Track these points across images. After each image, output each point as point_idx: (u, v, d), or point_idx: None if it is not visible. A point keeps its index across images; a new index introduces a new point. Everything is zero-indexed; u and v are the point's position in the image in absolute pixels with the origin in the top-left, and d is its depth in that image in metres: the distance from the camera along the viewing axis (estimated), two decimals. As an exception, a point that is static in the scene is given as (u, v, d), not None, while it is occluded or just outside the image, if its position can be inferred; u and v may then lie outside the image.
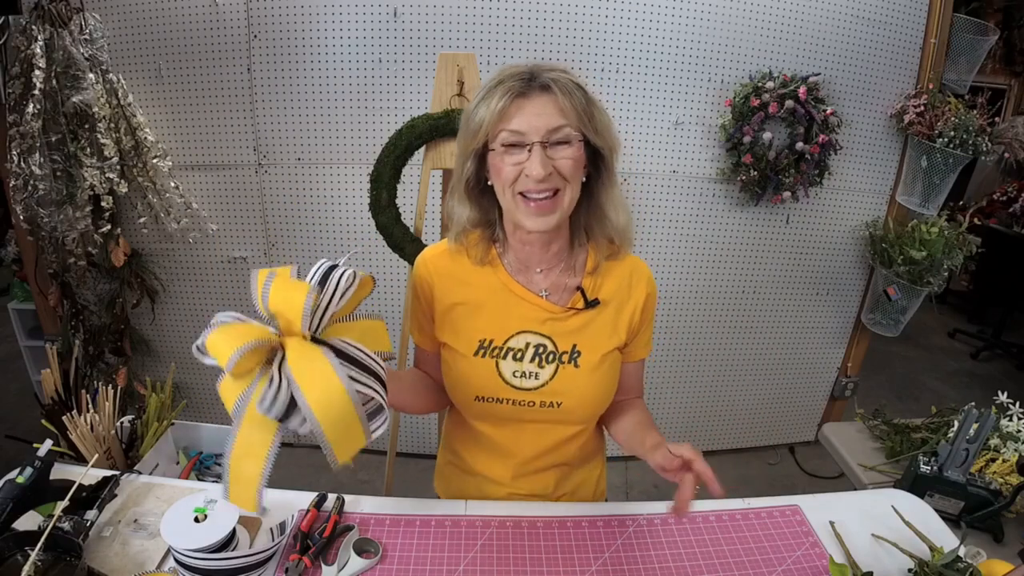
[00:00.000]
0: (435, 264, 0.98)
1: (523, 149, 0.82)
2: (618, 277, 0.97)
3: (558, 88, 0.81)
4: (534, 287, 0.95)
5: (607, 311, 0.96)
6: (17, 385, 2.96)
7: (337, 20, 2.01)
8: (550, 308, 0.94)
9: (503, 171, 0.84)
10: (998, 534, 1.19)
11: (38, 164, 1.91)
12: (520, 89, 0.82)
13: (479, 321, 0.95)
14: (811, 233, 2.43)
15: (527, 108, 0.82)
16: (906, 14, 2.17)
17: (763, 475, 2.67)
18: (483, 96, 0.84)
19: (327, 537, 0.92)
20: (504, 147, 0.83)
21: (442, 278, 0.97)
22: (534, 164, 0.81)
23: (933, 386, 3.58)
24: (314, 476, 2.53)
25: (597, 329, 0.95)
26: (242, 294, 2.39)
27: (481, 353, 0.95)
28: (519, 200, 0.85)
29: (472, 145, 0.87)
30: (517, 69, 0.83)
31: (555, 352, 0.94)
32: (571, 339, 0.94)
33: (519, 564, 0.92)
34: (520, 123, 0.82)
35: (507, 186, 0.85)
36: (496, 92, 0.82)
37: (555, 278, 0.96)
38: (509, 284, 0.95)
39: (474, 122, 0.85)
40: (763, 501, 1.08)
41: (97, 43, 1.92)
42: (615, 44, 2.08)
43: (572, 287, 0.95)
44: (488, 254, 0.96)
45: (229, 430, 0.75)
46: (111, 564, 0.88)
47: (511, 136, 0.82)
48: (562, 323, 0.94)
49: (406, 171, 1.72)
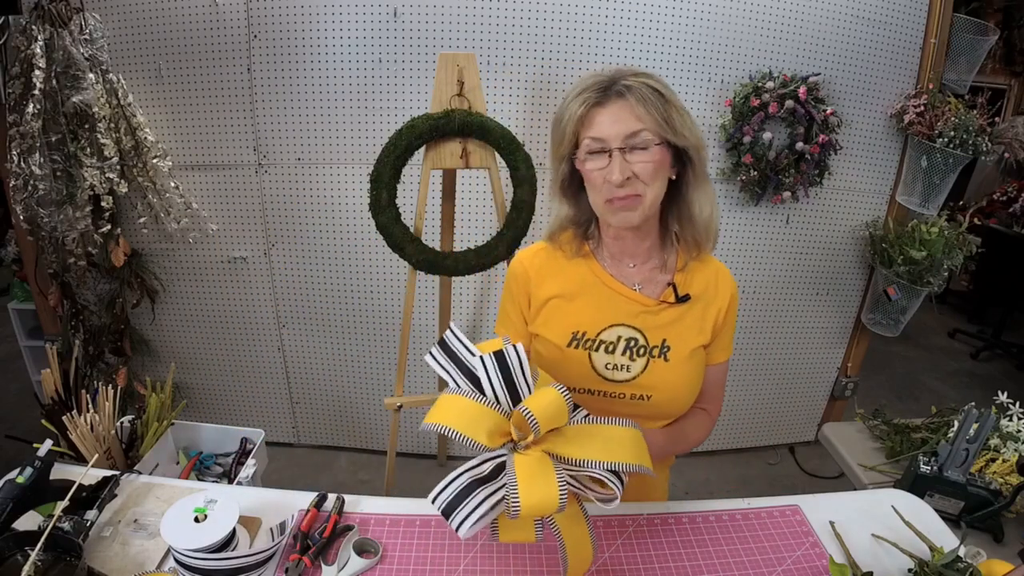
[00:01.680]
0: (531, 261, 1.03)
1: (604, 155, 0.87)
2: (705, 276, 1.00)
3: (633, 94, 0.85)
4: (627, 281, 0.99)
5: (695, 308, 0.98)
6: (17, 385, 2.96)
7: (337, 20, 2.01)
8: (643, 301, 0.97)
9: (590, 176, 0.89)
10: (998, 534, 1.19)
11: (38, 164, 1.91)
12: (597, 98, 0.86)
13: (573, 313, 0.98)
14: (811, 233, 2.43)
15: (605, 115, 0.86)
16: (906, 14, 2.17)
17: (763, 475, 2.67)
18: (567, 104, 0.89)
19: (327, 537, 0.92)
20: (588, 154, 0.88)
21: (539, 273, 1.01)
22: (613, 170, 0.85)
23: (933, 386, 3.58)
24: (314, 476, 2.53)
25: (686, 325, 0.98)
26: (242, 294, 2.39)
27: (574, 344, 0.97)
28: (606, 205, 0.90)
29: (560, 150, 0.92)
30: (598, 77, 0.87)
31: (646, 346, 0.96)
32: (661, 333, 0.97)
33: (519, 564, 0.92)
34: (599, 130, 0.86)
35: (597, 192, 0.90)
36: (577, 100, 0.87)
37: (647, 273, 0.99)
38: (603, 276, 0.99)
39: (559, 129, 0.90)
40: (763, 501, 1.08)
41: (97, 43, 1.92)
42: (615, 44, 2.08)
43: (663, 283, 0.99)
44: (582, 249, 1.01)
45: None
46: (111, 564, 0.88)
47: (593, 143, 0.87)
48: (653, 317, 0.97)
49: (406, 171, 1.72)
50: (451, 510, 0.73)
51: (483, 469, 0.77)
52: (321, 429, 2.65)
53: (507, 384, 0.79)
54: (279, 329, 2.45)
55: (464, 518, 0.72)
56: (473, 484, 0.75)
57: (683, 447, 1.03)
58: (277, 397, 2.58)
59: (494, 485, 0.75)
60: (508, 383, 0.79)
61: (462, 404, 0.79)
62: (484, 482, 0.76)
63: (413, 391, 2.52)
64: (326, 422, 2.63)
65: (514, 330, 1.05)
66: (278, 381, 2.55)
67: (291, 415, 2.62)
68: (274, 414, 2.62)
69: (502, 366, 0.79)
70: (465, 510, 0.73)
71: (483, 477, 0.76)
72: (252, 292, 2.39)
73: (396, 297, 2.36)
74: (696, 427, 1.04)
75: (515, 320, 1.05)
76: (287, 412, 2.62)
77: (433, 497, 0.75)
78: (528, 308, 1.03)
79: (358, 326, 2.43)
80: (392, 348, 2.45)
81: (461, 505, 0.73)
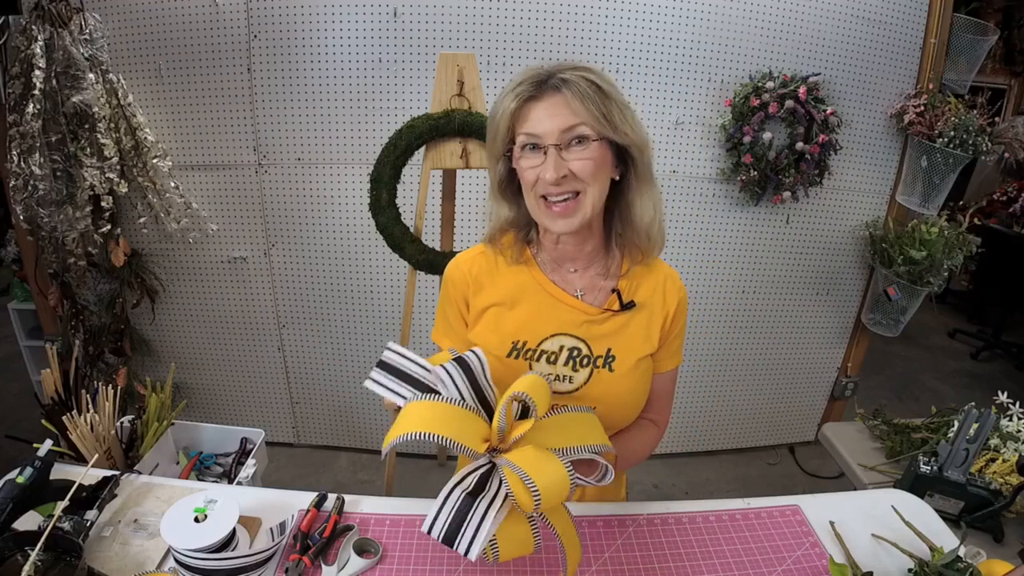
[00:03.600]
0: (469, 266, 0.97)
1: (540, 152, 0.82)
2: (652, 283, 0.95)
3: (569, 88, 0.79)
4: (569, 287, 0.94)
5: (641, 316, 0.94)
6: (17, 385, 2.96)
7: (337, 20, 2.01)
8: (585, 309, 0.93)
9: (524, 174, 0.84)
10: (998, 534, 1.19)
11: (38, 164, 1.91)
12: (531, 92, 0.81)
13: (513, 322, 0.94)
14: (811, 233, 2.43)
15: (539, 110, 0.81)
16: (906, 14, 2.17)
17: (763, 475, 2.67)
18: (501, 98, 0.84)
19: (327, 537, 0.92)
20: (523, 150, 0.83)
21: (476, 279, 0.96)
22: (547, 167, 0.80)
23: (933, 386, 3.58)
24: (314, 476, 2.53)
25: (631, 334, 0.93)
26: (242, 294, 2.39)
27: (514, 355, 0.93)
28: (541, 203, 0.85)
29: (495, 148, 0.87)
30: (535, 70, 0.82)
31: (589, 356, 0.92)
32: (605, 343, 0.92)
33: (519, 564, 0.92)
34: (534, 125, 0.81)
35: (529, 189, 0.85)
36: (511, 94, 0.82)
37: (590, 279, 0.95)
38: (544, 284, 0.94)
39: (493, 125, 0.85)
40: (763, 501, 1.08)
41: (97, 43, 1.92)
42: (615, 44, 2.08)
43: (607, 289, 0.94)
44: (523, 254, 0.96)
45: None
46: (111, 564, 0.88)
47: (528, 139, 0.82)
48: (597, 326, 0.93)
49: (406, 171, 1.72)
50: (454, 535, 0.69)
51: (469, 482, 0.73)
52: (321, 429, 2.65)
53: (474, 390, 0.76)
54: (279, 329, 2.45)
55: (471, 539, 0.68)
56: (468, 499, 0.71)
57: (628, 461, 0.96)
58: (277, 397, 2.58)
59: (489, 495, 0.71)
60: (475, 389, 0.76)
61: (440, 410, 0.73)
62: (477, 494, 0.72)
63: (413, 391, 2.52)
64: (326, 422, 2.63)
65: (456, 336, 1.00)
66: (278, 381, 2.55)
67: (291, 415, 2.62)
68: (274, 414, 2.62)
69: (467, 372, 0.76)
70: (470, 530, 0.69)
71: (473, 490, 0.72)
72: (252, 292, 2.39)
73: (396, 297, 2.36)
74: (642, 439, 0.99)
75: (456, 326, 1.00)
76: (287, 412, 2.62)
77: (428, 527, 0.70)
78: (467, 313, 0.98)
79: (358, 326, 2.43)
80: (392, 348, 2.44)
81: (464, 525, 0.69)
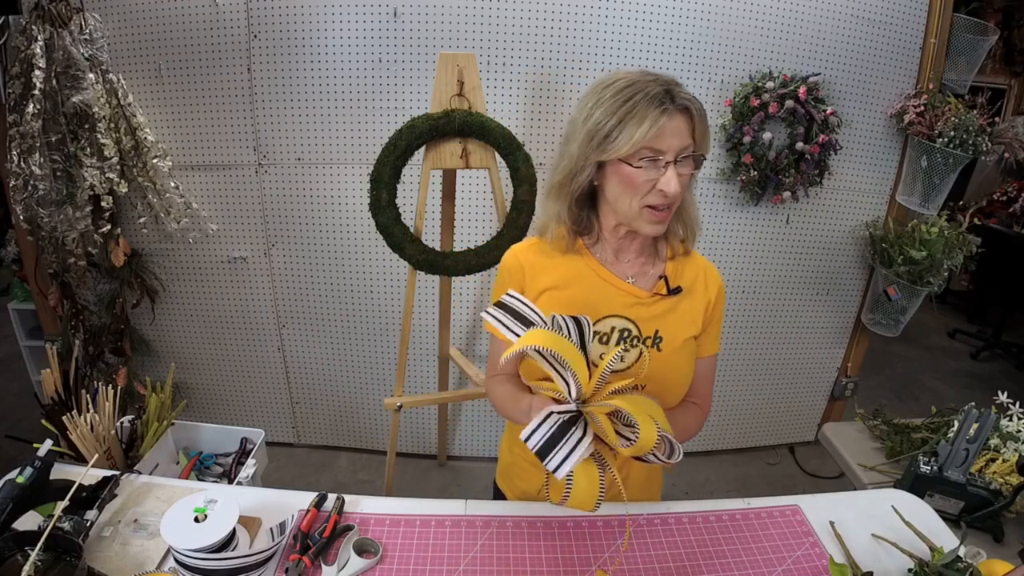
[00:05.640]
0: (525, 254, 1.03)
1: (656, 165, 0.87)
2: (693, 270, 1.03)
3: (693, 111, 0.86)
4: (620, 273, 1.00)
5: (686, 300, 1.01)
6: (17, 385, 2.96)
7: (337, 20, 2.01)
8: (636, 293, 0.99)
9: (637, 184, 0.88)
10: (998, 534, 1.19)
11: (38, 164, 1.91)
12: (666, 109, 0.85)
13: (568, 305, 0.98)
14: (811, 233, 2.43)
15: (668, 128, 0.85)
16: (906, 14, 2.17)
17: (763, 475, 2.67)
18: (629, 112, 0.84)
19: (327, 537, 0.92)
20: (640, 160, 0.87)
21: (533, 266, 1.02)
22: (671, 182, 0.86)
23: (933, 386, 3.58)
24: (314, 476, 2.53)
25: (678, 316, 1.00)
26: (242, 294, 2.39)
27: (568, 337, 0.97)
28: (646, 210, 0.90)
29: (604, 156, 0.88)
30: (654, 88, 0.84)
31: (639, 336, 0.98)
32: (654, 324, 0.98)
33: (519, 564, 0.92)
34: (662, 142, 0.85)
35: (636, 197, 0.89)
36: (647, 111, 0.83)
37: (639, 266, 1.01)
38: (597, 270, 1.00)
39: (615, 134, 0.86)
40: (763, 501, 1.08)
41: (97, 43, 1.92)
42: (615, 44, 2.08)
43: (655, 275, 1.01)
44: (575, 244, 1.01)
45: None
46: (111, 564, 0.88)
47: (651, 153, 0.86)
48: (646, 308, 0.99)
49: (406, 171, 1.72)
50: (547, 452, 0.75)
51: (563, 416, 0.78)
52: (321, 429, 2.65)
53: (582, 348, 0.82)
54: (279, 329, 2.45)
55: (563, 459, 0.74)
56: (563, 426, 0.76)
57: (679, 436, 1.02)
58: (277, 397, 2.58)
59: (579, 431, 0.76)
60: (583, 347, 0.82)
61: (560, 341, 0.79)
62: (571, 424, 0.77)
63: (413, 391, 2.52)
64: (326, 422, 2.63)
65: None
66: (278, 381, 2.55)
67: (291, 415, 2.62)
68: (274, 414, 2.62)
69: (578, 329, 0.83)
70: (562, 452, 0.74)
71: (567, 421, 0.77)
72: (252, 292, 2.39)
73: (396, 297, 2.36)
74: (688, 417, 1.04)
75: None
76: (287, 412, 2.62)
77: (526, 437, 0.76)
78: None
79: (358, 326, 2.43)
80: (392, 348, 2.45)
81: (558, 447, 0.74)
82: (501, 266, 1.06)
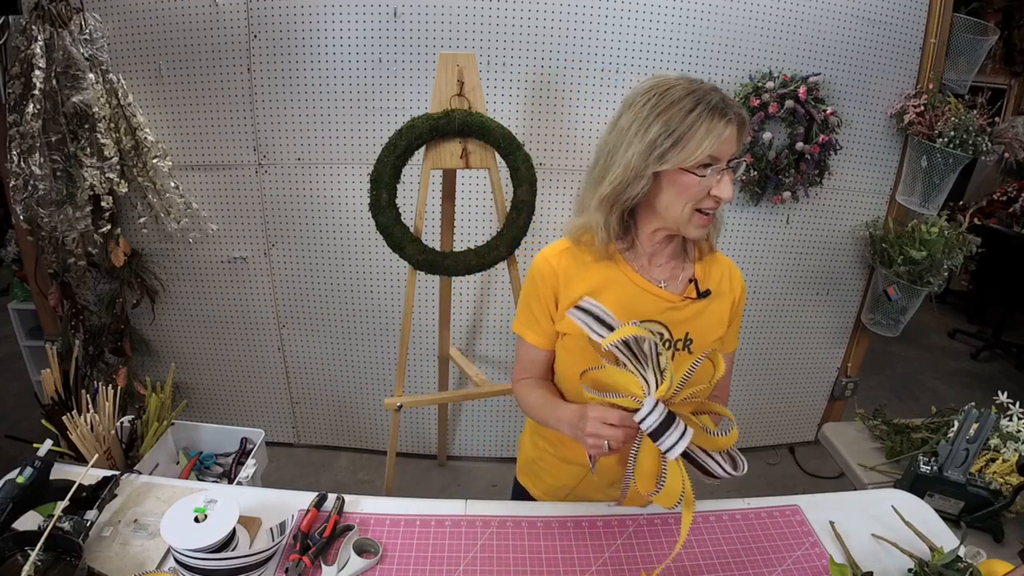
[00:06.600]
0: (558, 261, 1.02)
1: (709, 171, 0.88)
2: (719, 271, 1.04)
3: (741, 122, 0.89)
4: (652, 279, 1.01)
5: (715, 303, 1.02)
6: (17, 385, 2.96)
7: (337, 20, 2.01)
8: (668, 297, 1.00)
9: (692, 189, 0.89)
10: (998, 534, 1.19)
11: (38, 164, 1.91)
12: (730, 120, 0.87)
13: None
14: (811, 233, 2.43)
15: (727, 135, 0.87)
16: (906, 14, 2.17)
17: (763, 475, 2.67)
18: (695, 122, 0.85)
19: (327, 537, 0.92)
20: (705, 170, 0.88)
21: (566, 272, 1.01)
22: (726, 188, 0.89)
23: (933, 386, 3.58)
24: (314, 476, 2.53)
25: (707, 318, 1.02)
26: (242, 294, 2.39)
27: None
28: (696, 214, 0.92)
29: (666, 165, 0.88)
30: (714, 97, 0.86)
31: (670, 340, 1.00)
32: (684, 327, 1.00)
33: (519, 564, 0.92)
34: (720, 149, 0.87)
35: (689, 203, 0.90)
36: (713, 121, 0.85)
37: (670, 270, 1.03)
38: (631, 275, 1.01)
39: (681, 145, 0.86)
40: (763, 501, 1.08)
41: (97, 43, 1.92)
42: (615, 44, 2.08)
43: (684, 278, 1.02)
44: (607, 250, 1.01)
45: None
46: (111, 564, 0.88)
47: (711, 160, 0.87)
48: (678, 312, 1.00)
49: (406, 171, 1.72)
50: (660, 433, 0.80)
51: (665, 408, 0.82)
52: (321, 429, 2.65)
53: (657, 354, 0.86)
54: (279, 329, 2.45)
55: (674, 443, 0.79)
56: (671, 415, 0.81)
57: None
58: (277, 397, 2.58)
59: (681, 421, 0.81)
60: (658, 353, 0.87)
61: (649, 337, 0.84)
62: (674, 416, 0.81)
63: (413, 391, 2.52)
64: (326, 422, 2.63)
65: (540, 330, 1.03)
66: (278, 381, 2.55)
67: (291, 415, 2.62)
68: (274, 414, 2.62)
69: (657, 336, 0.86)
70: (674, 435, 0.79)
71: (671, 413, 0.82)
72: (252, 292, 2.39)
73: (396, 297, 2.36)
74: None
75: (541, 319, 1.03)
76: (287, 412, 2.62)
77: (641, 419, 0.81)
78: (555, 308, 1.02)
79: (358, 326, 2.43)
80: (392, 348, 2.45)
81: (669, 430, 0.79)
82: (533, 270, 1.05)
